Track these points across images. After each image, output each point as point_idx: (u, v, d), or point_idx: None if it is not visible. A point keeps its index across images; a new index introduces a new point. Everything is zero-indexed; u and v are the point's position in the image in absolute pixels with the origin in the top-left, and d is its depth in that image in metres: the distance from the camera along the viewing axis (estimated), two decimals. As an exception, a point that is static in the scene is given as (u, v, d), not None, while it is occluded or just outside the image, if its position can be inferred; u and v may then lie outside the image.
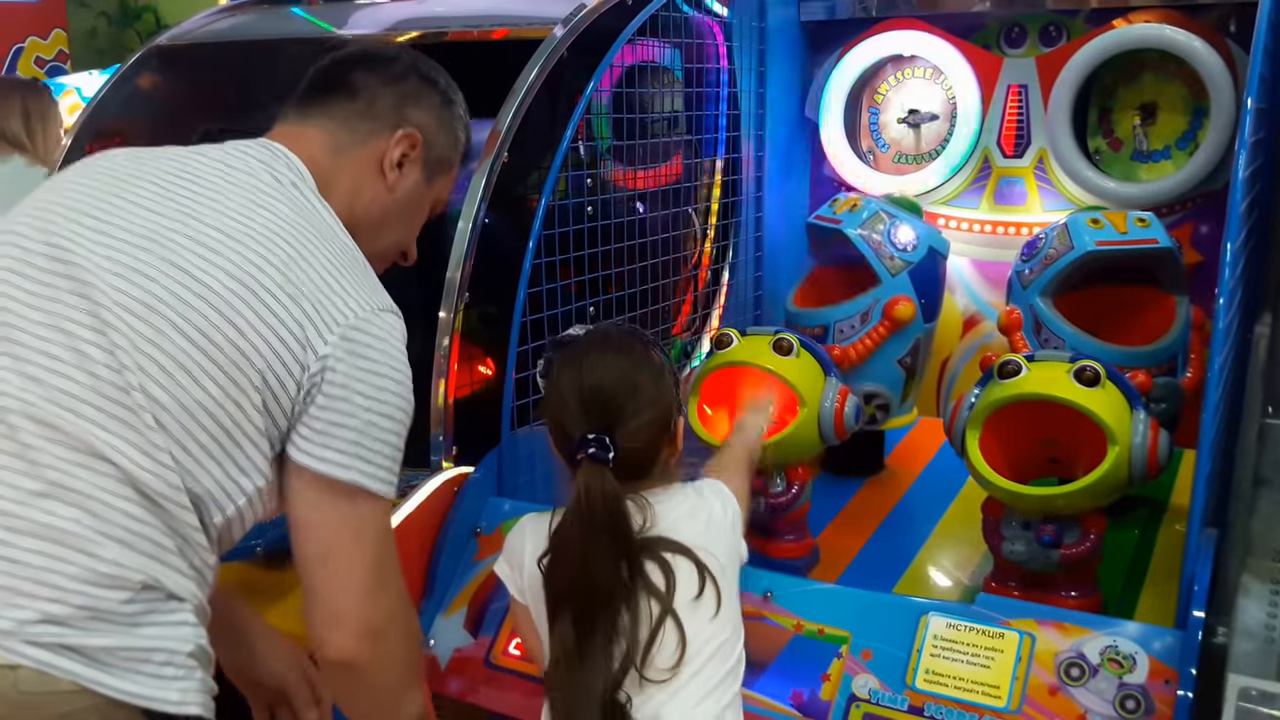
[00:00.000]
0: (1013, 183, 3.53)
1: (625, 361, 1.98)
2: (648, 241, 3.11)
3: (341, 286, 1.74)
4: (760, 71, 3.51)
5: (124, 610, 1.57)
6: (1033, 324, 3.06)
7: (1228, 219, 2.21)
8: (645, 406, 1.95)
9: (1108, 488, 2.50)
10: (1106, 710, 2.09)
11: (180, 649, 1.62)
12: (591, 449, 1.89)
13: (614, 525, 1.88)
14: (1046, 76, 3.41)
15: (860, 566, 2.95)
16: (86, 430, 1.59)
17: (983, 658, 2.21)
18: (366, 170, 1.95)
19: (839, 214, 3.27)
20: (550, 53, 2.78)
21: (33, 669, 1.49)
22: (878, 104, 3.72)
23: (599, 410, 1.92)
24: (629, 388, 1.94)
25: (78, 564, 1.55)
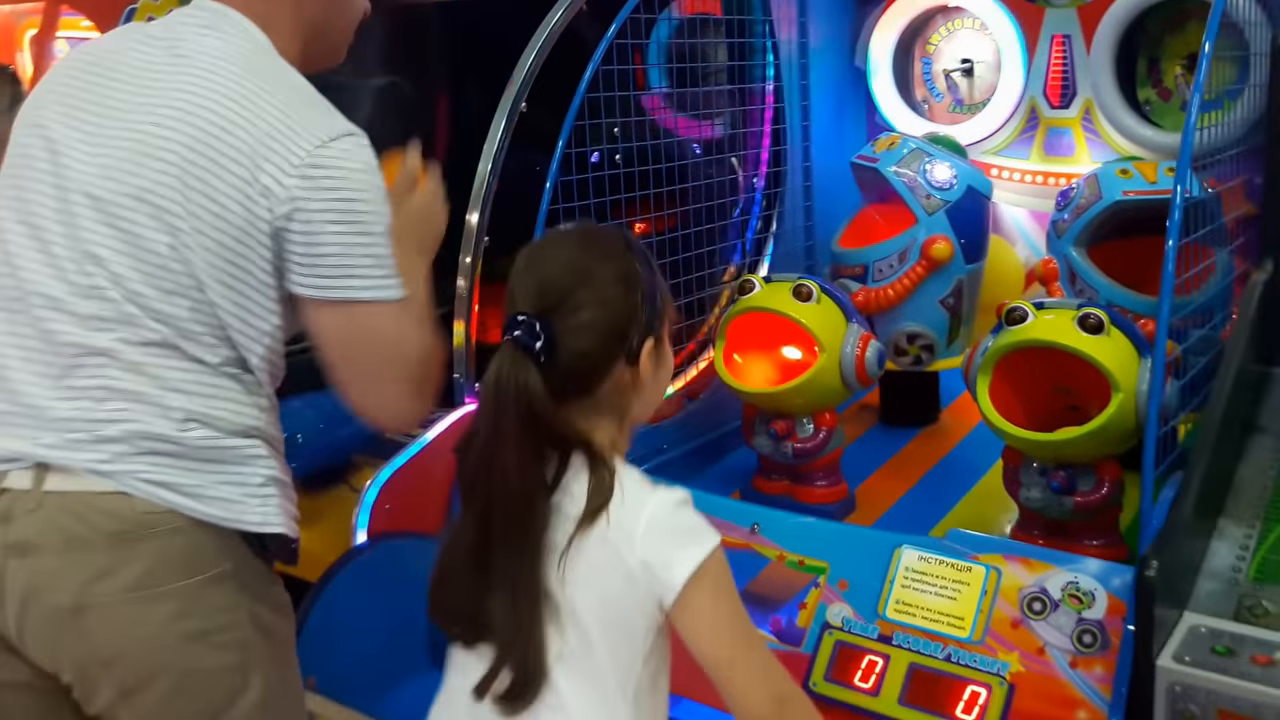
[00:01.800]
0: (1061, 134, 3.53)
1: (586, 251, 1.69)
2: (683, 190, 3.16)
3: (289, 128, 1.78)
4: (802, 22, 3.54)
5: (202, 449, 1.76)
6: (1068, 273, 3.08)
7: (1179, 162, 2.30)
8: (596, 304, 1.63)
9: (1115, 434, 2.53)
10: (1064, 643, 2.16)
11: (253, 480, 1.81)
12: (518, 331, 1.59)
13: (523, 421, 1.59)
14: (1089, 26, 3.39)
15: (896, 514, 3.02)
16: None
17: (950, 590, 2.29)
18: None
19: (878, 153, 3.33)
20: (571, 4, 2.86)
21: (143, 496, 1.72)
22: (930, 54, 3.74)
23: (538, 292, 1.63)
24: (579, 274, 1.64)
25: (153, 414, 1.74)
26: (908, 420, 3.52)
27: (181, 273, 1.75)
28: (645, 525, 1.59)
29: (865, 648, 2.30)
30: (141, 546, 1.72)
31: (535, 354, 1.58)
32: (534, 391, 1.58)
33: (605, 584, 1.59)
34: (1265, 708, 1.88)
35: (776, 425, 2.95)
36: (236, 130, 1.76)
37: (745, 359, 3.04)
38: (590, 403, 1.66)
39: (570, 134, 2.82)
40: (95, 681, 1.75)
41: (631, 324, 1.65)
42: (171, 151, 1.75)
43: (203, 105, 1.77)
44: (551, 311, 1.60)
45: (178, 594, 1.74)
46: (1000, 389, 2.66)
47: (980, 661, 2.20)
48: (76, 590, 1.70)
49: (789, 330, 2.95)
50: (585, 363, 1.63)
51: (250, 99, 1.79)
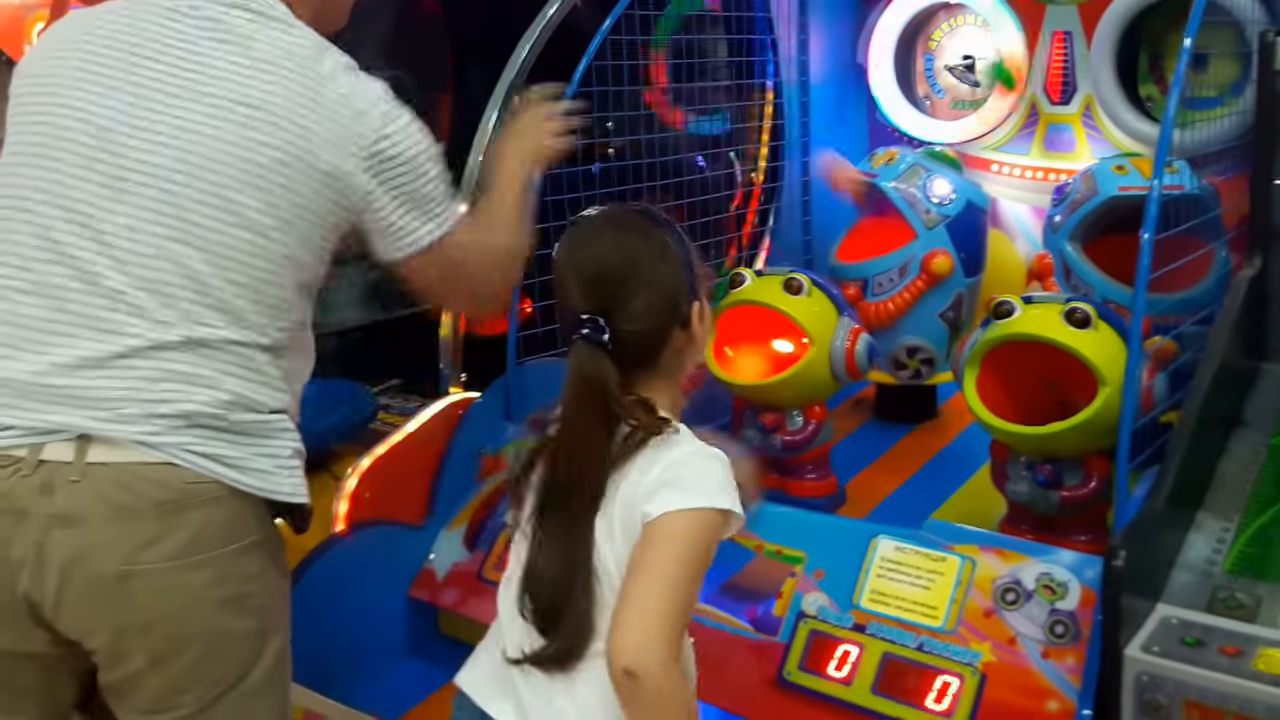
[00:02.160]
0: (1061, 129, 3.51)
1: (623, 238, 1.80)
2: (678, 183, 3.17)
3: (349, 114, 1.89)
4: (803, 19, 3.54)
5: (245, 425, 1.84)
6: (1063, 269, 3.06)
7: (1156, 155, 2.26)
8: (645, 286, 1.74)
9: (1101, 428, 2.49)
10: (1036, 634, 2.15)
11: (283, 452, 1.89)
12: (585, 329, 1.71)
13: (604, 411, 1.71)
14: (1090, 23, 3.37)
15: (887, 508, 3.01)
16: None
17: (925, 580, 2.29)
18: None
19: (875, 168, 3.33)
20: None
21: (189, 467, 1.78)
22: (932, 50, 3.73)
23: (592, 289, 1.74)
24: (626, 264, 1.75)
25: (205, 396, 1.80)
26: (904, 417, 3.51)
27: (261, 268, 1.84)
28: (675, 460, 1.69)
29: (839, 637, 2.30)
30: (188, 515, 1.78)
31: (605, 345, 1.70)
32: (611, 380, 1.70)
33: (627, 505, 1.69)
34: (1232, 698, 1.87)
35: (765, 418, 2.96)
36: (311, 126, 1.85)
37: (736, 352, 3.04)
38: (654, 371, 1.77)
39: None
40: (129, 648, 1.79)
41: (680, 295, 1.77)
42: (250, 149, 1.82)
43: (272, 103, 1.85)
44: (609, 305, 1.72)
45: (216, 561, 1.81)
46: (989, 383, 2.65)
47: (952, 651, 2.20)
48: (124, 557, 1.75)
49: (779, 323, 2.95)
50: (648, 341, 1.75)
51: (314, 94, 1.88)
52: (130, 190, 1.81)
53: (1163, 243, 3.02)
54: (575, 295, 1.74)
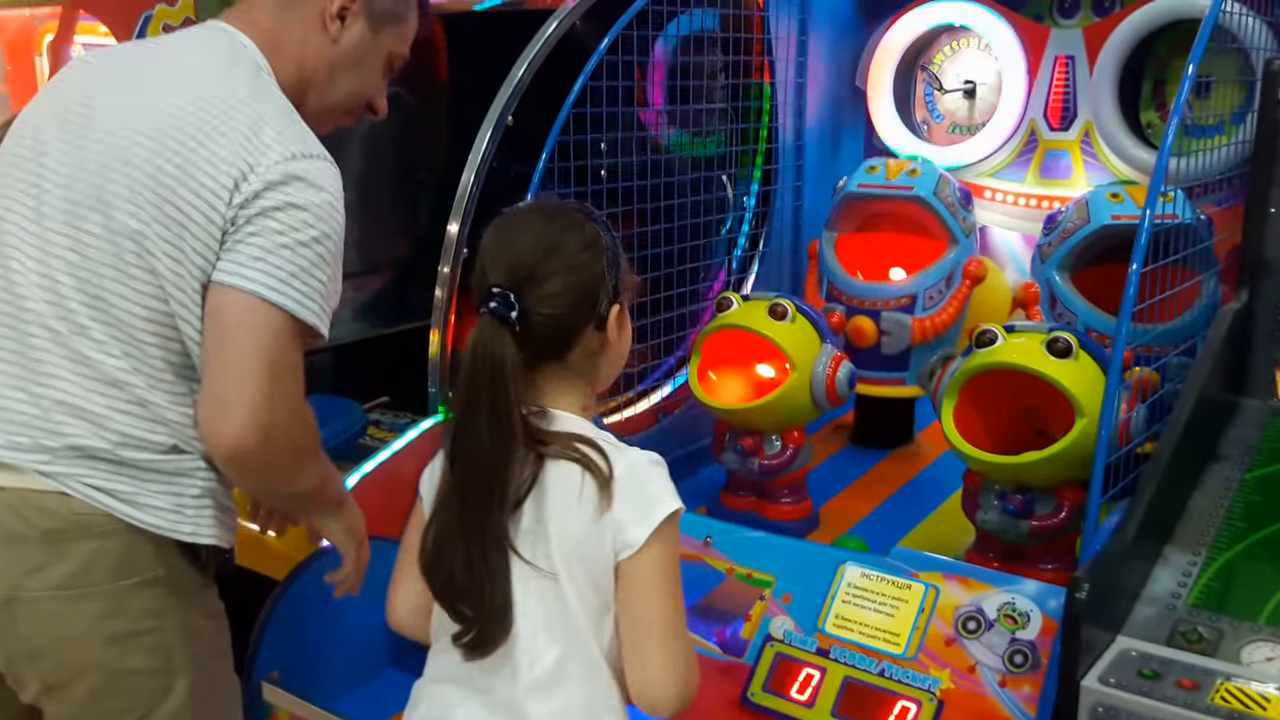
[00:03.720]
0: (1059, 156, 3.49)
1: (551, 224, 1.77)
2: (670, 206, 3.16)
3: (269, 136, 1.85)
4: (802, 40, 3.53)
5: (138, 463, 1.82)
6: (1049, 298, 3.05)
7: (1151, 185, 2.22)
8: (563, 270, 1.72)
9: (1077, 459, 2.48)
10: (995, 663, 2.16)
11: (188, 492, 1.86)
12: (493, 303, 1.68)
13: (495, 388, 1.67)
14: (1094, 48, 3.35)
15: (857, 533, 2.98)
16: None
17: (889, 606, 2.30)
18: (311, 26, 2.05)
19: (894, 180, 3.33)
20: (564, 19, 2.87)
21: (79, 498, 1.79)
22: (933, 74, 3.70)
23: (509, 265, 1.71)
24: (547, 246, 1.73)
25: (89, 430, 1.80)
26: (879, 442, 3.50)
27: (145, 282, 1.82)
28: (620, 481, 1.69)
29: (803, 660, 2.31)
30: (75, 546, 1.79)
31: (511, 323, 1.68)
32: (509, 360, 1.67)
33: (579, 537, 1.69)
34: (1187, 731, 1.86)
35: (744, 441, 2.95)
36: (213, 136, 1.82)
37: (719, 376, 3.05)
38: (562, 367, 1.77)
39: (555, 148, 2.84)
40: (23, 673, 1.82)
41: (600, 290, 1.76)
42: (140, 158, 1.82)
43: (180, 111, 1.84)
44: (524, 281, 1.70)
45: (107, 595, 1.81)
46: (967, 411, 2.64)
47: (912, 677, 2.21)
48: (9, 583, 1.78)
49: (763, 348, 2.95)
50: (557, 329, 1.73)
51: (229, 108, 1.85)
52: (42, 202, 1.86)
53: (1151, 273, 3.03)
54: (490, 269, 1.73)
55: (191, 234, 1.80)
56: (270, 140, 1.84)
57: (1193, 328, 2.94)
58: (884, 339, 3.29)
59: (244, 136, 1.83)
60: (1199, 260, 2.98)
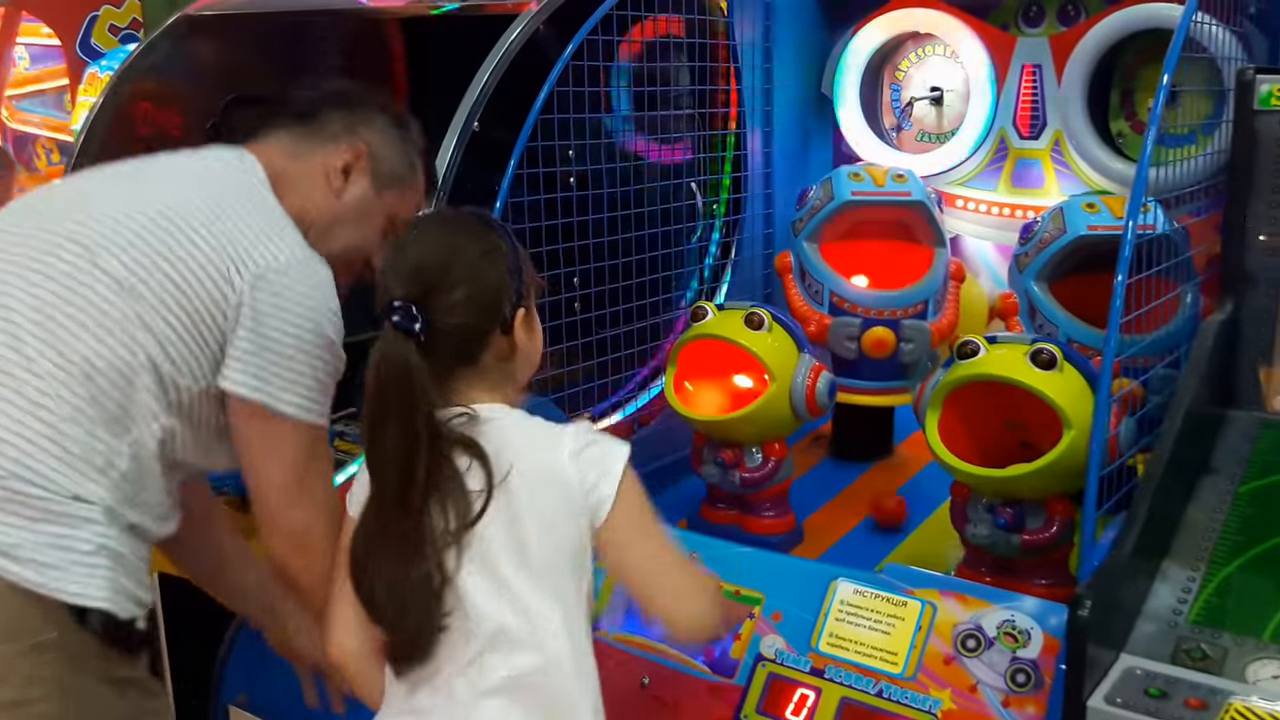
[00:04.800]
0: (1030, 165, 3.47)
1: (450, 233, 1.84)
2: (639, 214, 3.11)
3: (263, 235, 1.95)
4: (766, 47, 3.48)
5: (30, 497, 1.74)
6: (1028, 308, 3.02)
7: (1132, 196, 2.27)
8: (465, 280, 1.77)
9: (1065, 471, 2.46)
10: (997, 682, 2.10)
11: (80, 546, 1.77)
12: (396, 316, 1.72)
13: (403, 397, 1.71)
14: (1061, 56, 3.33)
15: (843, 548, 2.95)
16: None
17: (884, 624, 2.24)
18: (317, 176, 2.14)
19: (883, 186, 3.30)
20: (528, 22, 2.80)
21: None
22: (899, 81, 3.68)
23: (410, 276, 1.77)
24: (448, 255, 1.79)
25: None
26: (860, 454, 3.46)
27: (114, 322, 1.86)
28: (569, 454, 1.78)
29: (797, 680, 2.25)
30: None
31: (415, 335, 1.72)
32: (415, 368, 1.71)
33: (537, 501, 1.76)
34: (1196, 752, 1.83)
35: (724, 454, 2.89)
36: (200, 232, 1.91)
37: (696, 386, 2.99)
38: (476, 371, 1.82)
39: (523, 154, 2.77)
40: None
41: (502, 296, 1.81)
42: (141, 225, 1.91)
43: (174, 211, 1.92)
44: (427, 293, 1.75)
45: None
46: (950, 424, 2.60)
47: (911, 698, 2.15)
48: None
49: (740, 358, 2.89)
50: (463, 336, 1.79)
51: (222, 212, 1.95)
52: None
53: (1133, 284, 3.02)
54: (393, 284, 1.77)
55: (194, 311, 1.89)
56: (262, 240, 1.95)
57: (1175, 339, 2.92)
58: (904, 347, 3.24)
59: (240, 234, 1.94)
60: (1178, 271, 2.98)
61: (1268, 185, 2.54)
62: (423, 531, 1.72)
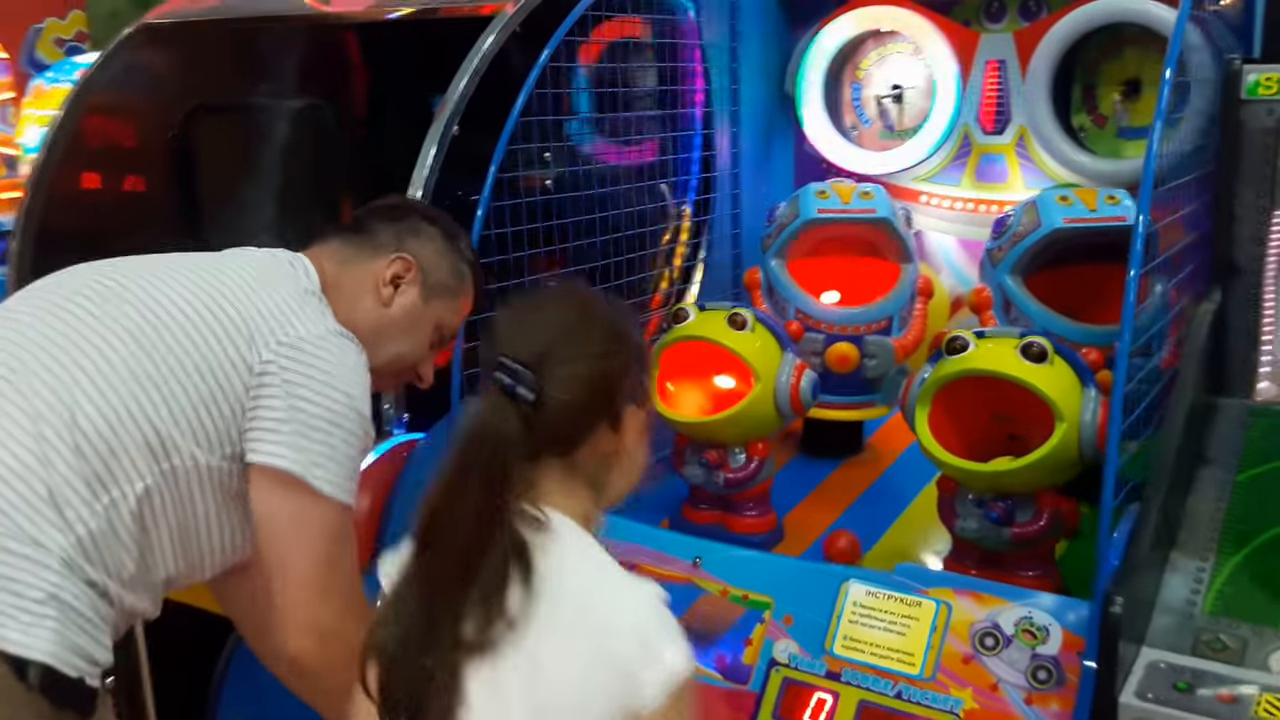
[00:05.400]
0: (994, 160, 3.48)
1: (580, 308, 1.65)
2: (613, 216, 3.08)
3: (295, 313, 1.94)
4: (733, 47, 3.47)
5: None
6: (1002, 303, 3.03)
7: (1142, 189, 2.23)
8: (586, 358, 1.58)
9: (1056, 464, 2.48)
10: (1018, 680, 2.09)
11: (28, 592, 1.67)
12: (505, 376, 1.53)
13: (489, 475, 1.51)
14: (1025, 51, 3.35)
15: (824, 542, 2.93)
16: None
17: (899, 625, 2.23)
18: (366, 285, 2.15)
19: (849, 203, 3.26)
20: (503, 27, 2.76)
21: None
22: (860, 79, 3.68)
23: (527, 339, 1.57)
24: (571, 329, 1.60)
25: None
26: (830, 452, 3.45)
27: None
28: (629, 624, 1.51)
29: (813, 685, 2.23)
30: None
31: (520, 400, 1.52)
32: (511, 441, 1.52)
33: (575, 666, 1.51)
34: (1234, 747, 1.83)
35: (709, 455, 2.88)
36: (230, 296, 1.92)
37: (678, 387, 2.96)
38: (567, 465, 1.60)
39: (504, 158, 2.72)
40: None
41: (620, 384, 1.62)
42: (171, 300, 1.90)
43: (207, 276, 1.95)
44: (542, 359, 1.55)
45: None
46: (938, 418, 2.60)
47: (932, 699, 2.14)
48: None
49: (723, 359, 2.87)
50: (570, 418, 1.57)
51: (258, 284, 1.96)
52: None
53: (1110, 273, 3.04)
54: (506, 339, 1.58)
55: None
56: (294, 316, 1.94)
57: (1149, 328, 2.95)
58: (868, 363, 3.23)
59: (270, 310, 1.93)
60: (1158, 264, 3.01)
61: (1254, 175, 2.56)
62: (469, 629, 1.51)
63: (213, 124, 3.73)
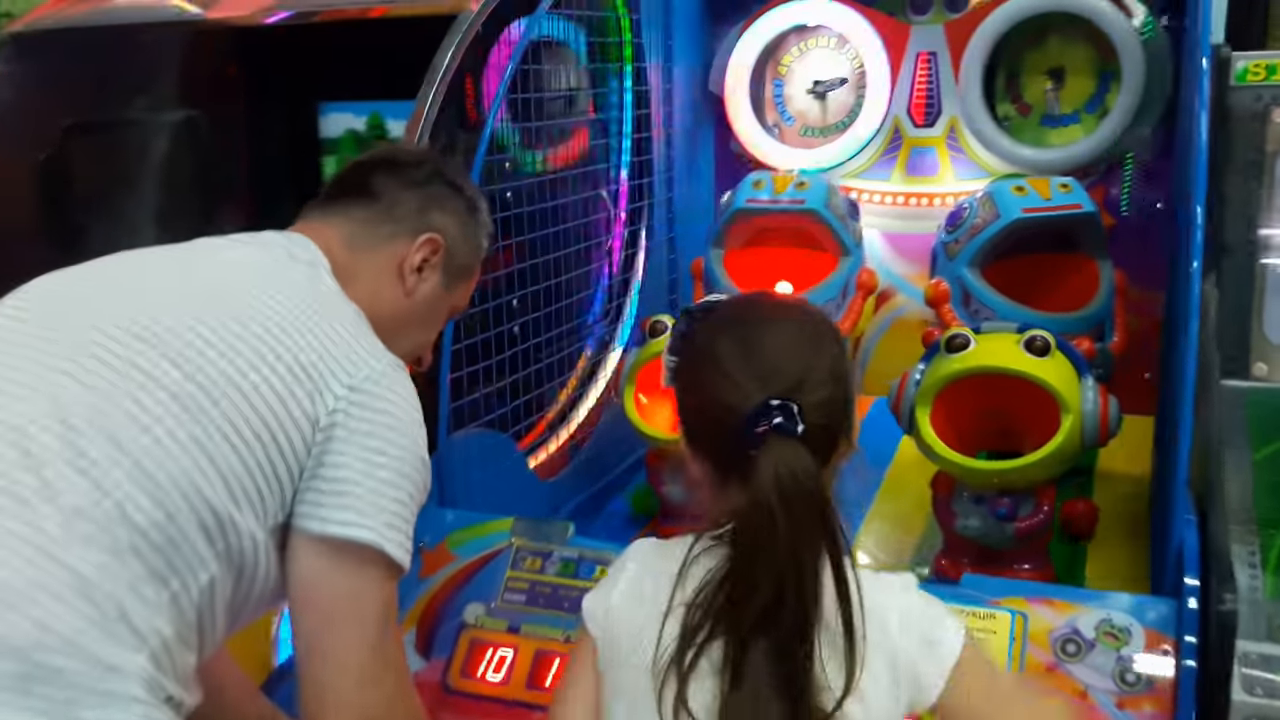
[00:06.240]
0: (925, 153, 3.47)
1: (801, 320, 1.52)
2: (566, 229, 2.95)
3: (352, 347, 1.66)
4: (668, 45, 3.37)
5: (53, 685, 1.37)
6: (961, 295, 3.01)
7: (1190, 183, 2.17)
8: (830, 377, 1.45)
9: (1063, 457, 2.49)
10: (1107, 684, 2.01)
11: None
12: (778, 418, 1.38)
13: (822, 513, 1.38)
14: (956, 43, 3.35)
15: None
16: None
17: (977, 640, 2.12)
18: (386, 272, 1.86)
19: (781, 194, 3.19)
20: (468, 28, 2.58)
21: None
22: (782, 76, 3.61)
23: (775, 372, 1.42)
24: (812, 346, 1.47)
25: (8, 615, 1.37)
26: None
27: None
28: (899, 617, 1.47)
29: (902, 712, 2.13)
30: None
31: (800, 437, 1.38)
32: (820, 479, 1.39)
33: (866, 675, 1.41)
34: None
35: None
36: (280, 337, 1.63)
37: (651, 401, 2.86)
38: None
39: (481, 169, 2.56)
40: None
41: (852, 397, 1.51)
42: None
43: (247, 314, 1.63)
44: (795, 389, 1.41)
45: None
46: (937, 418, 2.57)
47: (1023, 713, 2.06)
48: None
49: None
50: (827, 442, 1.45)
51: (301, 315, 1.67)
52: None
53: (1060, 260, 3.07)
54: (744, 380, 1.42)
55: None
56: (350, 348, 1.68)
57: (1100, 314, 2.98)
58: None
59: (324, 343, 1.66)
60: (1098, 247, 3.04)
61: (1243, 159, 2.58)
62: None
63: (88, 143, 3.47)
